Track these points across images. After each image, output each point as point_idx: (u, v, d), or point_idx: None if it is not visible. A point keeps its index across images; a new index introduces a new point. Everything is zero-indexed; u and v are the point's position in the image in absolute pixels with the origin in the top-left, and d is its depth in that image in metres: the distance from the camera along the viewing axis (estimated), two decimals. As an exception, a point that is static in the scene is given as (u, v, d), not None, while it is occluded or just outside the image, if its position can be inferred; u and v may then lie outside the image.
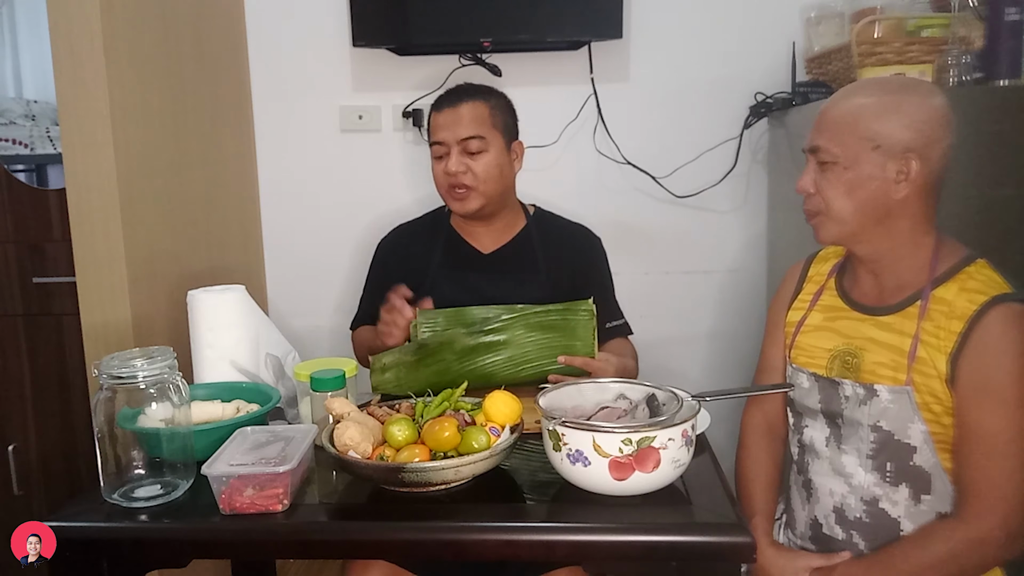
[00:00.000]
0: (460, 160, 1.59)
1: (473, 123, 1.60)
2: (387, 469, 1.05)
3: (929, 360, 1.14)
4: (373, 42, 2.16)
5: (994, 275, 1.16)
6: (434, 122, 1.64)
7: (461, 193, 1.61)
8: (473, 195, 1.61)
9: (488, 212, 1.66)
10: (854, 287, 1.29)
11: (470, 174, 1.60)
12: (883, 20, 1.72)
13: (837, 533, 1.24)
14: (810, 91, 1.96)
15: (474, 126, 1.60)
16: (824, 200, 1.20)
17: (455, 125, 1.60)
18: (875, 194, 1.16)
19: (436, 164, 1.64)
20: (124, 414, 1.09)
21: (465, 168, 1.59)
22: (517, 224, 1.74)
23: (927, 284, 1.17)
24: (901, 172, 1.14)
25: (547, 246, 1.71)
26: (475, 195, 1.61)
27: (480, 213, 1.65)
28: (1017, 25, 1.60)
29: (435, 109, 1.65)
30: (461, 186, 1.60)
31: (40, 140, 2.24)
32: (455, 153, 1.60)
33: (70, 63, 1.56)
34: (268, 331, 1.51)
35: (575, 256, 1.73)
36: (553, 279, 1.68)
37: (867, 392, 1.18)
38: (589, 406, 1.19)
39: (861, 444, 1.20)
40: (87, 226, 1.61)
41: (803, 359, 1.31)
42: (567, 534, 1.01)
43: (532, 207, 1.79)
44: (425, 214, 1.83)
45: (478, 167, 1.60)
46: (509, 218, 1.73)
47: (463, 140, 1.59)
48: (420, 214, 1.84)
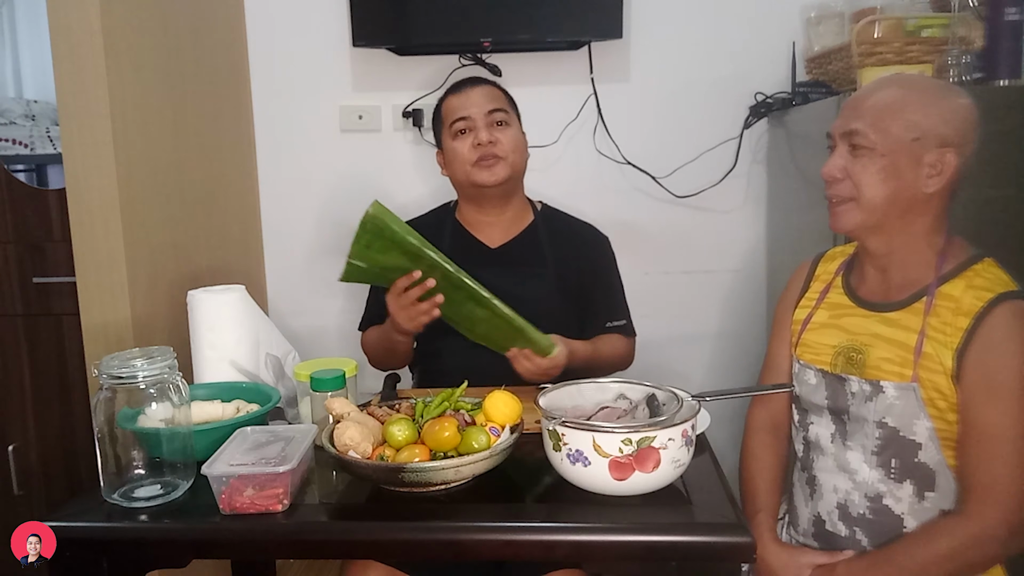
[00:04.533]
0: (489, 131, 1.63)
1: (496, 99, 1.67)
2: (387, 469, 1.05)
3: (935, 356, 1.14)
4: (373, 42, 2.16)
5: (1001, 273, 1.17)
6: (453, 104, 1.67)
7: (491, 161, 1.63)
8: (502, 164, 1.64)
9: (509, 188, 1.69)
10: (861, 284, 1.29)
11: (499, 144, 1.63)
12: (883, 20, 1.72)
13: (840, 530, 1.24)
14: (810, 91, 1.96)
15: (498, 101, 1.67)
16: (856, 186, 1.18)
17: (480, 100, 1.65)
18: (907, 185, 1.16)
19: (457, 143, 1.65)
20: (124, 414, 1.09)
21: (495, 138, 1.63)
22: (525, 219, 1.75)
23: (934, 280, 1.18)
24: (935, 166, 1.15)
25: (554, 243, 1.72)
26: (504, 164, 1.64)
27: (505, 186, 1.66)
28: (1017, 25, 1.60)
29: (452, 93, 1.70)
30: (491, 156, 1.63)
31: (40, 140, 2.24)
32: (483, 125, 1.64)
33: (70, 63, 1.56)
34: (268, 331, 1.51)
35: (582, 255, 1.73)
36: (559, 275, 1.69)
37: (873, 388, 1.19)
38: (589, 406, 1.19)
39: (866, 440, 1.20)
40: (87, 226, 1.61)
41: (809, 356, 1.31)
42: (567, 534, 1.01)
43: (539, 203, 1.80)
44: (430, 211, 1.83)
45: (505, 138, 1.64)
46: (518, 211, 1.74)
47: (490, 112, 1.64)
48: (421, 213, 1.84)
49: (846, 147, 1.20)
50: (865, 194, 1.17)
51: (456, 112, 1.66)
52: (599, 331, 1.68)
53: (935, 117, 1.14)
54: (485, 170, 1.63)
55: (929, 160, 1.14)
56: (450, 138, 1.67)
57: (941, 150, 1.14)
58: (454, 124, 1.66)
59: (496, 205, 1.71)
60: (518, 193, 1.74)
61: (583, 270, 1.71)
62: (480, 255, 1.70)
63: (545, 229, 1.74)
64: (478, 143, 1.62)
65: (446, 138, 1.68)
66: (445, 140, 1.69)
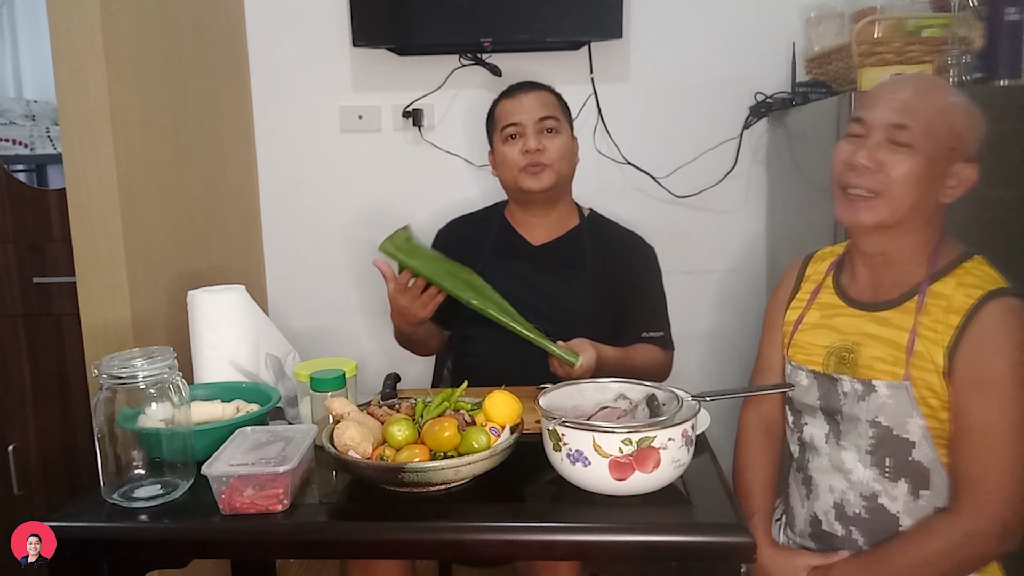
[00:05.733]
0: (538, 139, 1.67)
1: (548, 106, 1.71)
2: (387, 469, 1.05)
3: (926, 354, 1.14)
4: (373, 42, 2.16)
5: (990, 271, 1.17)
6: (506, 108, 1.71)
7: (537, 169, 1.67)
8: (548, 171, 1.67)
9: (555, 194, 1.72)
10: (851, 284, 1.29)
11: (547, 152, 1.67)
12: (883, 20, 1.72)
13: (837, 529, 1.25)
14: (810, 91, 1.96)
15: (549, 108, 1.70)
16: (888, 180, 1.15)
17: (533, 107, 1.69)
18: (933, 192, 1.16)
19: (507, 147, 1.69)
20: (124, 414, 1.09)
21: (543, 146, 1.67)
22: (571, 221, 1.78)
23: (925, 279, 1.18)
24: (959, 178, 1.16)
25: (597, 247, 1.75)
26: (550, 172, 1.67)
27: (551, 192, 1.70)
28: (1017, 25, 1.60)
29: (507, 97, 1.73)
30: (538, 164, 1.66)
31: (40, 140, 2.24)
32: (532, 132, 1.67)
33: (70, 63, 1.56)
34: (268, 331, 1.51)
35: (623, 262, 1.75)
36: (597, 279, 1.71)
37: (865, 388, 1.19)
38: (589, 406, 1.19)
39: (860, 440, 1.20)
40: (87, 226, 1.61)
41: (801, 357, 1.31)
42: (567, 534, 1.01)
43: (588, 210, 1.82)
44: (482, 208, 1.89)
45: (553, 146, 1.68)
46: (564, 212, 1.77)
47: (541, 120, 1.68)
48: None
49: (881, 138, 1.16)
50: (896, 192, 1.15)
51: (508, 117, 1.70)
52: (635, 340, 1.69)
53: (970, 131, 1.15)
54: (531, 177, 1.67)
55: (955, 171, 1.16)
56: (501, 142, 1.71)
57: (966, 164, 1.16)
58: (505, 129, 1.70)
59: (542, 207, 1.75)
60: (564, 197, 1.77)
61: (623, 277, 1.73)
62: (522, 251, 1.75)
63: (590, 233, 1.77)
64: (526, 150, 1.66)
65: (497, 141, 1.73)
66: (496, 143, 1.74)
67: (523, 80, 1.77)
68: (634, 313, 1.72)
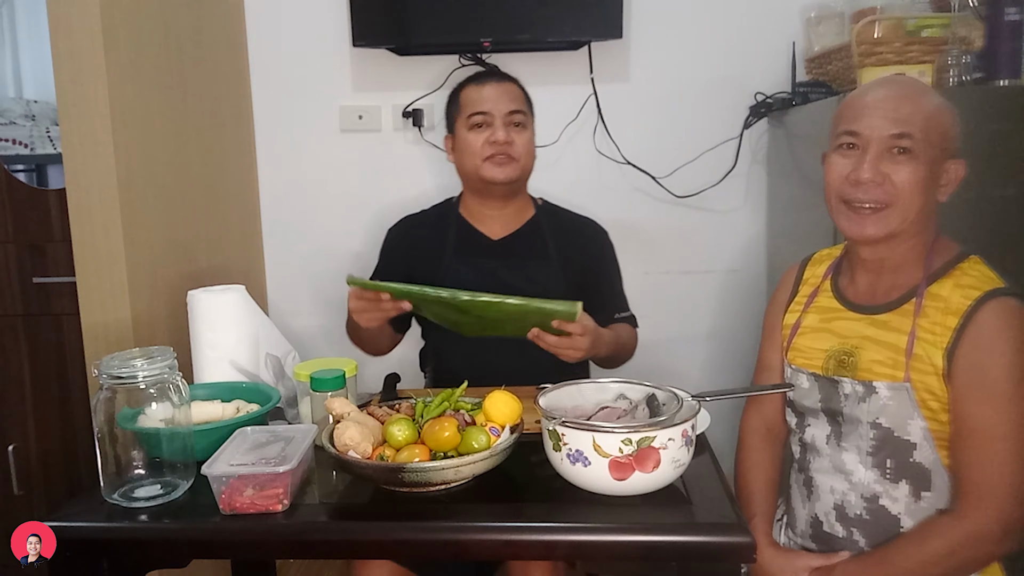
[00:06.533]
0: (507, 132, 1.65)
1: (517, 100, 1.69)
2: (387, 469, 1.05)
3: (925, 356, 1.14)
4: (373, 42, 2.16)
5: (987, 271, 1.17)
6: (474, 95, 1.68)
7: (504, 159, 1.65)
8: (514, 164, 1.66)
9: (516, 188, 1.71)
10: (849, 287, 1.29)
11: (515, 145, 1.65)
12: (883, 20, 1.72)
13: (838, 531, 1.25)
14: (810, 91, 1.96)
15: (518, 102, 1.69)
16: (897, 191, 1.15)
17: (503, 98, 1.67)
18: (933, 194, 1.18)
19: (472, 135, 1.67)
20: (124, 414, 1.09)
21: (511, 140, 1.65)
22: (527, 213, 1.77)
23: (922, 281, 1.18)
24: (949, 176, 1.18)
25: (556, 235, 1.74)
26: (516, 165, 1.67)
27: (512, 185, 1.69)
28: (1017, 25, 1.60)
29: (474, 82, 1.71)
30: (505, 155, 1.65)
31: (40, 140, 2.24)
32: (501, 125, 1.65)
33: (70, 63, 1.56)
34: (268, 331, 1.51)
35: (584, 248, 1.76)
36: (562, 266, 1.71)
37: (866, 389, 1.19)
38: (589, 406, 1.19)
39: (861, 441, 1.20)
40: (87, 226, 1.61)
41: (801, 360, 1.31)
42: (567, 534, 1.01)
43: (540, 200, 1.81)
44: (432, 206, 1.85)
45: (521, 140, 1.66)
46: (520, 205, 1.76)
47: (511, 113, 1.66)
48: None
49: (883, 149, 1.16)
50: (905, 201, 1.15)
51: (476, 105, 1.67)
52: (609, 322, 1.69)
53: (955, 129, 1.17)
54: (497, 167, 1.65)
55: (946, 170, 1.17)
56: (465, 128, 1.68)
57: (955, 161, 1.18)
58: (472, 116, 1.67)
59: (499, 200, 1.73)
60: (522, 191, 1.77)
61: (586, 263, 1.74)
62: (483, 247, 1.73)
63: (547, 222, 1.76)
64: (494, 140, 1.64)
65: (460, 127, 1.70)
66: (459, 128, 1.70)
67: (492, 68, 1.76)
68: (603, 296, 1.72)
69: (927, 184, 1.16)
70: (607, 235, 1.81)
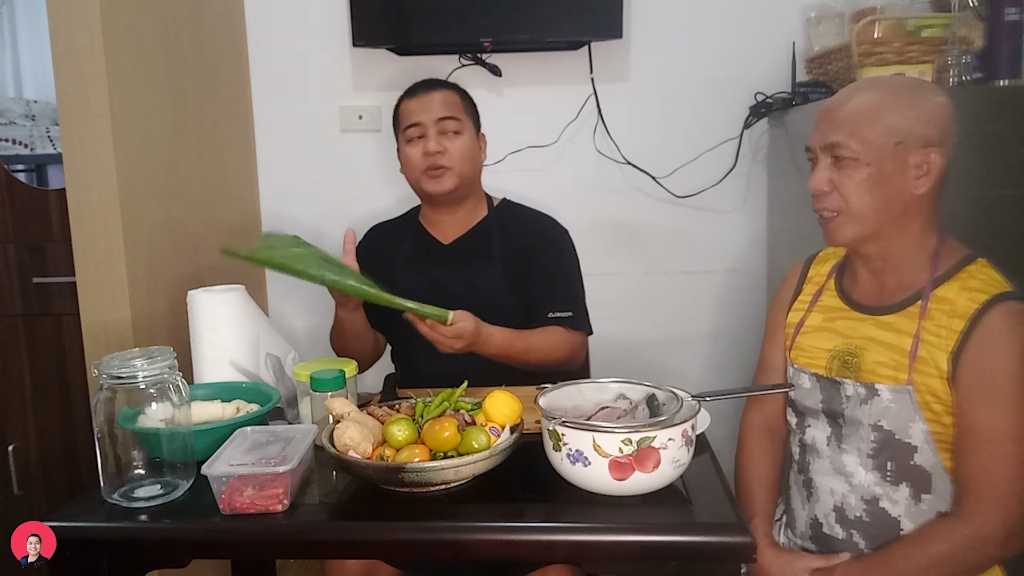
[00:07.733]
0: (438, 140, 1.64)
1: (449, 106, 1.67)
2: (387, 469, 1.05)
3: (930, 359, 1.14)
4: (373, 42, 2.16)
5: (995, 274, 1.16)
6: (407, 108, 1.68)
7: (438, 172, 1.65)
8: (449, 175, 1.65)
9: (459, 195, 1.70)
10: (854, 287, 1.29)
11: (447, 155, 1.64)
12: (883, 20, 1.72)
13: (837, 532, 1.24)
14: (810, 91, 1.96)
15: (450, 108, 1.67)
16: (843, 198, 1.17)
17: (433, 107, 1.65)
18: (897, 190, 1.15)
19: (410, 148, 1.67)
20: (124, 414, 1.09)
21: (443, 148, 1.64)
22: (479, 214, 1.76)
23: (928, 283, 1.17)
24: (921, 167, 1.14)
25: (504, 234, 1.73)
26: (451, 175, 1.65)
27: (454, 194, 1.68)
28: (1017, 25, 1.59)
29: (407, 96, 1.70)
30: (438, 166, 1.64)
31: (40, 140, 2.24)
32: (433, 134, 1.64)
33: (70, 63, 1.56)
34: (268, 331, 1.51)
35: (531, 245, 1.71)
36: (507, 266, 1.69)
37: (868, 391, 1.18)
38: (589, 406, 1.19)
39: (862, 443, 1.20)
40: (87, 226, 1.61)
41: (803, 360, 1.31)
42: (567, 534, 1.01)
43: (500, 200, 1.80)
44: (402, 214, 1.86)
45: (454, 148, 1.65)
46: (472, 207, 1.75)
47: (441, 120, 1.64)
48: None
49: (828, 159, 1.19)
50: (854, 205, 1.17)
51: (410, 117, 1.67)
52: (541, 321, 1.63)
53: (913, 118, 1.13)
54: (432, 180, 1.66)
55: (915, 162, 1.14)
56: (404, 143, 1.68)
57: (925, 150, 1.14)
58: (408, 130, 1.67)
59: (448, 206, 1.73)
60: (472, 195, 1.74)
61: (531, 260, 1.69)
62: (434, 252, 1.74)
63: (497, 223, 1.75)
64: (426, 152, 1.64)
65: (401, 141, 1.70)
66: (400, 143, 1.71)
67: (427, 78, 1.74)
68: (542, 293, 1.66)
69: (879, 183, 1.14)
70: (564, 233, 1.76)
